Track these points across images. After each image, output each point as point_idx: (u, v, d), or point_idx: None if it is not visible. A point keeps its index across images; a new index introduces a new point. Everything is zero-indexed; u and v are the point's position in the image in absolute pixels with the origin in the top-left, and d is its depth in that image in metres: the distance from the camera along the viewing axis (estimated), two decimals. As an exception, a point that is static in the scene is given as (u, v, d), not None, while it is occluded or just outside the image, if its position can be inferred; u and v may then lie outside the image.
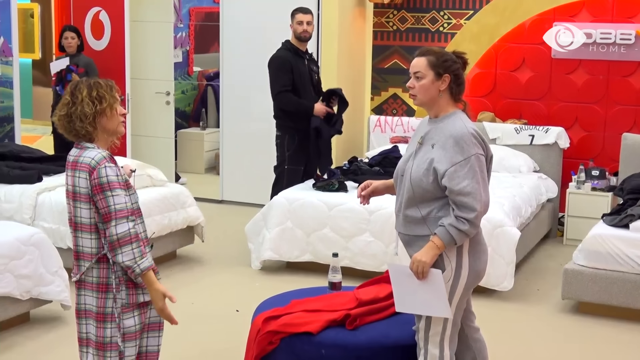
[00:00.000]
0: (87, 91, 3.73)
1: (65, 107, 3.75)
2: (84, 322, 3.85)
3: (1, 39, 8.58)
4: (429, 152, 3.96)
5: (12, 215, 6.81)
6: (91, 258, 3.75)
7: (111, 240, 3.65)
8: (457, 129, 3.91)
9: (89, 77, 3.84)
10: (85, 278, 3.79)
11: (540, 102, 8.67)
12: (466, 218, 3.82)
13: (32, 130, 13.75)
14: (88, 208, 3.72)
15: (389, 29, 9.29)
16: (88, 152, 3.73)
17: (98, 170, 3.67)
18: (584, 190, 8.03)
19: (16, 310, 5.69)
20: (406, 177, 4.03)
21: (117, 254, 3.65)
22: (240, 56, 9.39)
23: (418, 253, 3.89)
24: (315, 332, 4.31)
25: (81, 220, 3.74)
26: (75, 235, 3.79)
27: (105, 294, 3.77)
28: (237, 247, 7.73)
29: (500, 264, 6.39)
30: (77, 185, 3.71)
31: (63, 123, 3.77)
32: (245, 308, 5.97)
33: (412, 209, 3.99)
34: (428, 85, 3.98)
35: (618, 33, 8.18)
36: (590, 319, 6.19)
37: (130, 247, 3.66)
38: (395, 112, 9.39)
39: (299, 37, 7.42)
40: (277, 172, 7.67)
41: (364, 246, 6.78)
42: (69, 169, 3.79)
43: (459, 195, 3.83)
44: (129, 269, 3.67)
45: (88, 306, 3.81)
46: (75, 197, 3.73)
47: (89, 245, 3.75)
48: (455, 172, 3.84)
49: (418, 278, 3.90)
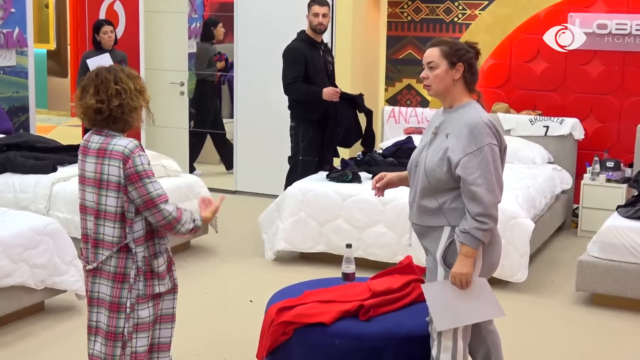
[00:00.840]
0: (132, 84, 3.76)
1: (115, 98, 3.71)
2: (95, 311, 3.86)
3: (16, 29, 8.61)
4: (443, 142, 3.95)
5: (27, 205, 6.84)
6: (112, 247, 3.75)
7: (168, 220, 3.73)
8: (472, 119, 3.90)
9: (110, 67, 3.83)
10: (102, 267, 3.79)
11: (555, 93, 8.64)
12: (482, 213, 3.82)
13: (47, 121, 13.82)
14: (116, 196, 3.71)
15: (403, 19, 9.27)
16: (118, 140, 3.73)
17: (133, 159, 3.68)
18: (599, 182, 8.00)
19: (31, 300, 5.72)
20: (420, 167, 4.02)
21: (179, 230, 3.77)
22: (254, 47, 9.39)
23: (456, 266, 3.89)
24: (328, 323, 4.31)
25: (106, 208, 3.73)
26: (96, 223, 3.77)
27: (121, 284, 3.77)
28: (250, 237, 7.74)
29: (514, 256, 6.38)
30: (105, 172, 3.70)
31: (115, 114, 3.73)
32: (258, 298, 5.97)
33: (427, 199, 3.99)
34: (442, 75, 3.97)
35: (634, 24, 8.14)
36: (605, 311, 6.17)
37: (184, 215, 3.80)
38: (409, 103, 9.37)
39: (314, 29, 7.41)
40: (291, 163, 7.66)
41: (377, 237, 6.78)
42: (91, 155, 3.76)
43: (472, 185, 3.83)
44: (193, 230, 3.84)
45: (101, 295, 3.82)
46: (101, 184, 3.72)
47: (111, 234, 3.75)
48: (469, 161, 3.84)
49: (462, 289, 3.92)
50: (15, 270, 5.47)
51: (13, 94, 8.68)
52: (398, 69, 9.39)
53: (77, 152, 3.96)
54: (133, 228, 3.76)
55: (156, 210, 3.70)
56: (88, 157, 3.78)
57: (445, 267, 3.96)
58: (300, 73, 7.32)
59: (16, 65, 8.67)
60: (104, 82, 3.74)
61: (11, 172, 7.09)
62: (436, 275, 4.00)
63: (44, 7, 14.66)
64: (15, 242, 5.49)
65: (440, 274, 3.98)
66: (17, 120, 8.70)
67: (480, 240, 3.84)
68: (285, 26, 8.48)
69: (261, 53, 9.28)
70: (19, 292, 5.59)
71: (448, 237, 3.95)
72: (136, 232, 3.77)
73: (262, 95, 9.36)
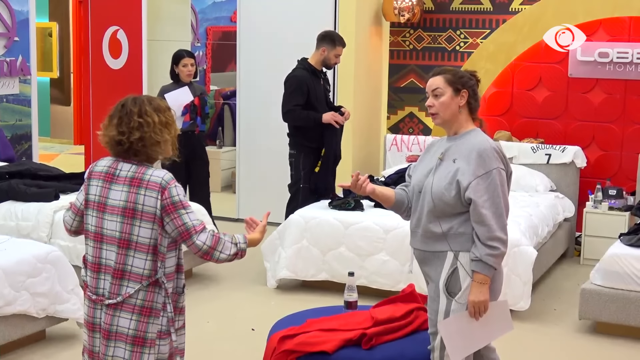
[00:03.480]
0: (157, 117, 3.70)
1: (136, 131, 3.66)
2: (112, 345, 3.72)
3: (20, 57, 8.65)
4: (450, 166, 3.98)
5: (29, 233, 6.84)
6: (141, 280, 3.65)
7: (204, 250, 3.66)
8: (481, 143, 3.95)
9: (136, 97, 3.77)
10: (127, 300, 3.68)
11: (557, 121, 8.65)
12: (491, 237, 3.84)
13: (50, 149, 13.84)
14: (150, 228, 3.64)
15: (406, 47, 9.31)
16: (154, 171, 3.67)
17: (169, 190, 3.62)
18: (601, 210, 7.99)
19: (32, 328, 5.70)
20: (426, 192, 4.03)
21: (218, 257, 3.70)
22: (256, 75, 9.42)
23: (472, 295, 3.90)
24: (330, 352, 4.30)
25: (138, 239, 3.64)
26: (124, 254, 3.66)
27: (148, 317, 3.68)
28: (253, 265, 7.72)
29: (517, 284, 6.36)
30: (140, 202, 3.62)
31: (136, 147, 3.68)
32: (261, 327, 5.96)
33: (433, 224, 4.00)
34: (448, 102, 4.01)
35: (635, 52, 8.17)
36: (608, 339, 6.15)
37: (222, 241, 3.71)
38: (411, 131, 9.39)
39: (326, 65, 7.45)
40: (291, 191, 7.67)
41: (380, 265, 6.77)
42: (120, 183, 3.68)
43: (481, 208, 3.85)
44: (237, 254, 3.75)
45: (120, 329, 3.69)
46: (135, 214, 3.63)
47: (142, 267, 3.65)
48: (478, 184, 3.88)
49: (481, 316, 3.93)
50: (16, 298, 5.46)
51: (16, 122, 8.70)
52: (400, 97, 9.41)
53: (79, 180, 3.91)
54: (165, 263, 3.69)
55: (190, 242, 3.65)
56: (115, 184, 3.69)
57: (447, 295, 3.95)
58: (301, 101, 7.34)
59: (19, 94, 8.70)
60: (128, 114, 3.68)
61: (13, 200, 7.09)
62: (438, 304, 3.99)
63: (47, 35, 14.74)
64: (17, 270, 5.48)
65: (443, 302, 3.97)
66: (19, 148, 8.72)
67: (492, 266, 3.86)
68: (289, 54, 8.51)
69: (264, 81, 9.31)
70: (20, 321, 5.57)
71: (451, 264, 3.95)
72: (168, 268, 3.70)
73: (265, 123, 9.38)
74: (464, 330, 3.94)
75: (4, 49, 8.49)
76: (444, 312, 3.98)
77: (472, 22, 8.96)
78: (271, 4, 9.34)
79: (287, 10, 9.22)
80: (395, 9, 8.96)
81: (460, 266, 3.93)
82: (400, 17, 8.99)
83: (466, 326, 3.93)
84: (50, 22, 14.63)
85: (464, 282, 3.92)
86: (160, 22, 10.13)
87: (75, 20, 13.99)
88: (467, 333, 3.94)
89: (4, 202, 7.10)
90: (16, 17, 8.60)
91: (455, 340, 3.95)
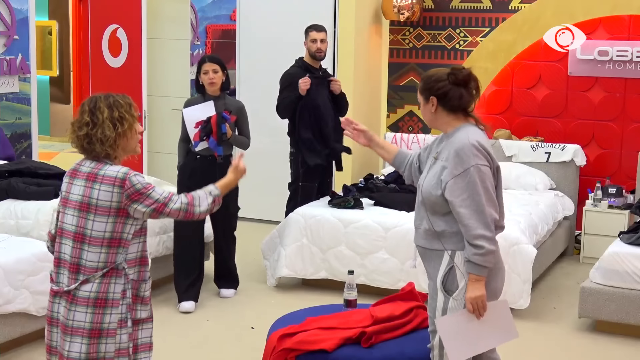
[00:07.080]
0: (108, 112, 3.69)
1: (84, 127, 3.69)
2: (68, 340, 3.72)
3: (19, 56, 8.64)
4: (439, 165, 4.00)
5: (29, 231, 6.83)
6: (95, 272, 3.67)
7: (184, 209, 3.74)
8: (460, 141, 3.93)
9: (107, 94, 3.77)
10: (79, 293, 3.69)
11: (557, 120, 8.65)
12: (475, 236, 3.82)
13: (49, 147, 13.81)
14: (104, 221, 3.66)
15: (405, 46, 9.31)
16: (109, 167, 3.70)
17: (129, 180, 3.66)
18: (601, 208, 8.00)
19: (32, 327, 5.70)
20: (420, 191, 4.06)
21: (199, 211, 3.77)
22: (256, 73, 9.42)
23: (468, 292, 3.89)
24: (330, 350, 4.30)
25: (91, 233, 3.67)
26: (78, 248, 3.69)
27: (102, 309, 3.69)
28: (252, 264, 7.73)
29: (517, 282, 6.36)
30: (93, 197, 3.65)
31: (82, 143, 3.72)
32: (260, 325, 5.96)
33: (428, 222, 4.01)
34: (423, 109, 4.10)
35: (634, 51, 8.17)
36: (607, 338, 6.15)
37: (196, 196, 3.79)
38: (411, 129, 9.39)
39: (312, 56, 7.43)
40: (291, 189, 7.67)
41: (379, 263, 6.77)
42: (80, 178, 3.72)
43: (459, 207, 3.85)
44: (214, 201, 3.81)
45: (77, 323, 3.69)
46: (89, 208, 3.67)
47: (96, 260, 3.68)
48: (455, 184, 3.87)
49: (481, 314, 3.91)
50: (16, 296, 5.47)
51: (15, 121, 8.70)
52: (400, 96, 9.41)
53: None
54: (128, 250, 3.72)
55: (168, 209, 3.70)
56: (77, 179, 3.74)
57: (444, 293, 3.96)
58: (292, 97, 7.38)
59: (19, 92, 8.69)
60: (82, 112, 3.73)
61: (13, 199, 7.07)
62: (436, 301, 3.99)
63: (47, 34, 14.72)
64: (16, 269, 5.49)
65: (440, 299, 3.97)
66: (19, 146, 8.72)
67: (481, 265, 3.83)
68: (287, 53, 8.50)
69: (263, 79, 9.30)
70: (20, 319, 5.57)
71: (448, 263, 3.95)
72: (130, 254, 3.73)
73: (264, 121, 9.37)
74: (463, 330, 3.92)
75: (4, 48, 8.48)
76: (441, 309, 3.97)
77: (471, 20, 8.96)
78: (271, 3, 9.35)
79: (287, 9, 9.22)
80: (395, 8, 8.96)
81: (456, 266, 3.92)
82: (399, 16, 8.98)
83: (465, 326, 3.92)
84: (50, 21, 14.60)
85: (461, 281, 3.92)
86: (160, 20, 10.13)
87: (75, 19, 13.95)
88: (467, 333, 3.92)
89: (4, 201, 7.09)
90: (16, 15, 8.59)
91: (453, 340, 3.94)
